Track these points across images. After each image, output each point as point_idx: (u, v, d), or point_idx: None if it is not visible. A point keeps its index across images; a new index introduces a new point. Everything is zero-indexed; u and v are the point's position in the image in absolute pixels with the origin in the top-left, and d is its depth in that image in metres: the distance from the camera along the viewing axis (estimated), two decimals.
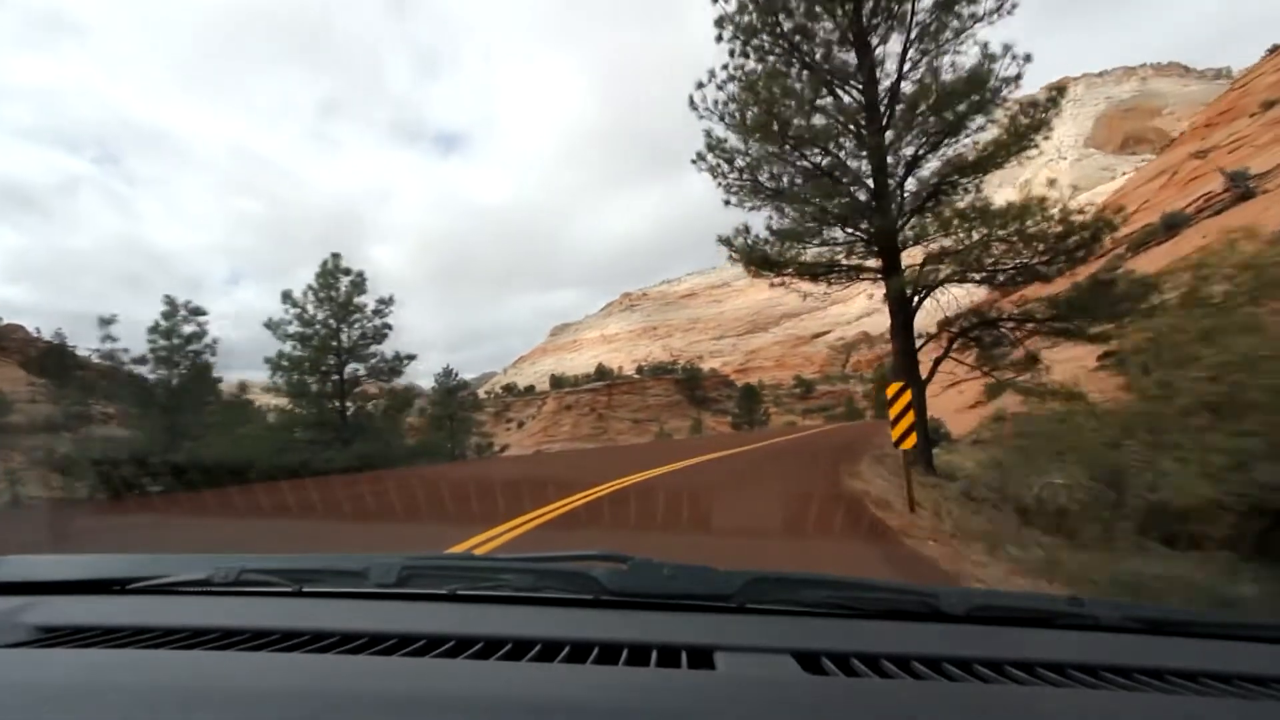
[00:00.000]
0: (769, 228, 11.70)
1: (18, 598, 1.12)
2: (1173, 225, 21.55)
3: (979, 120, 10.40)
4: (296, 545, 4.92)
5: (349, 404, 16.95)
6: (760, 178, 11.17)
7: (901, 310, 10.84)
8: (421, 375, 37.67)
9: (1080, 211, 9.57)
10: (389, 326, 17.03)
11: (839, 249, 11.49)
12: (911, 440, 6.12)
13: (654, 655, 0.89)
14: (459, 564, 1.29)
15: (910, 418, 6.04)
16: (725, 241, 11.42)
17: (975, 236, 9.78)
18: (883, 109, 10.48)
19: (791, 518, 5.57)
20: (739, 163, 11.17)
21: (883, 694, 0.80)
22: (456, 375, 39.39)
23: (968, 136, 10.62)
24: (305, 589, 1.16)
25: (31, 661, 0.88)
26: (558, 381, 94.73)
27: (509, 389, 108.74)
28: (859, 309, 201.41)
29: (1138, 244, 22.02)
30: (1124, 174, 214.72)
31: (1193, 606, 3.02)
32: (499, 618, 1.05)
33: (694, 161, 11.38)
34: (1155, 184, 29.06)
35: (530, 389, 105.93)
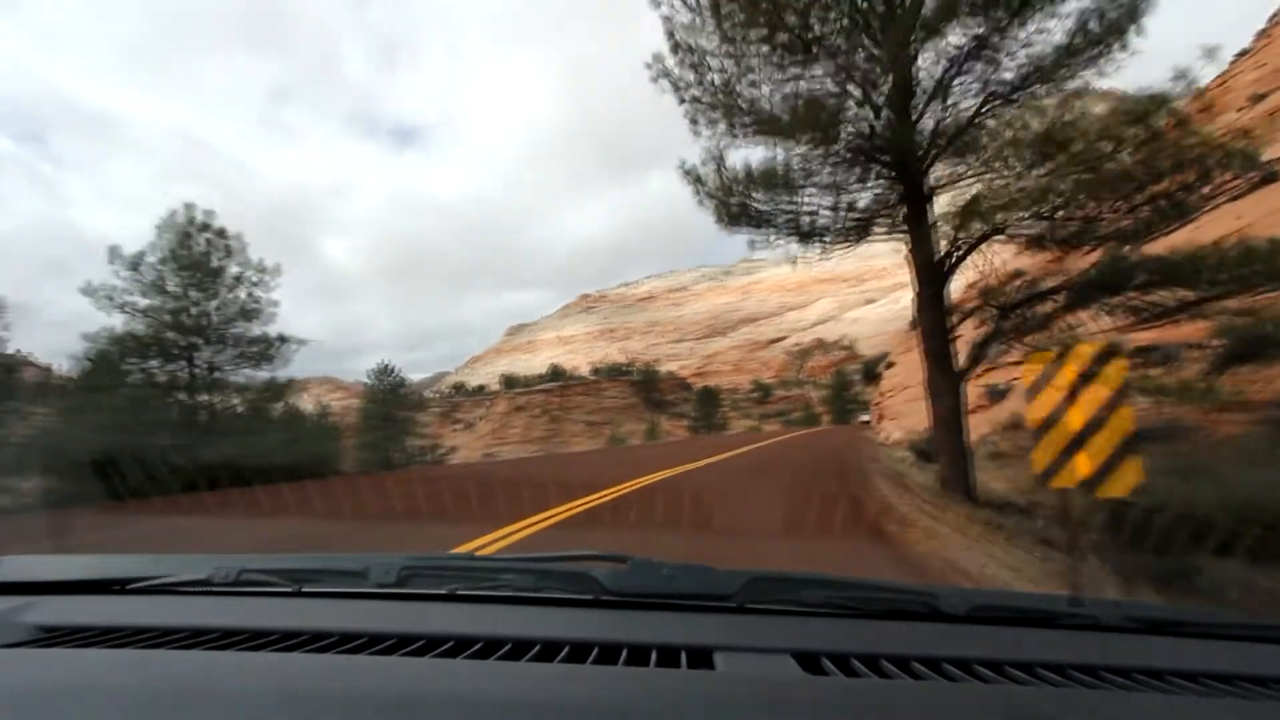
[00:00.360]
0: (749, 172, 8.53)
1: (18, 598, 1.10)
2: (1182, 213, 19.36)
3: (1036, 21, 7.49)
4: None
5: (205, 396, 13.07)
6: (739, 88, 7.98)
7: (932, 279, 7.83)
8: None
9: (1195, 135, 6.73)
10: (258, 301, 13.21)
11: (845, 194, 8.40)
12: (1128, 479, 2.78)
13: (654, 655, 0.88)
14: (459, 564, 1.27)
15: (1123, 423, 2.75)
16: (690, 175, 8.20)
17: (1045, 168, 6.86)
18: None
19: None
20: (712, 68, 7.98)
21: (882, 694, 0.80)
22: (394, 371, 35.61)
23: (1022, 45, 7.69)
24: (305, 589, 1.15)
25: (31, 661, 0.88)
26: (510, 381, 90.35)
27: (458, 388, 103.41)
28: (815, 315, 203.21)
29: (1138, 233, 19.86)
30: None
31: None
32: (498, 618, 1.05)
33: (648, 66, 8.14)
34: None
35: (481, 389, 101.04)
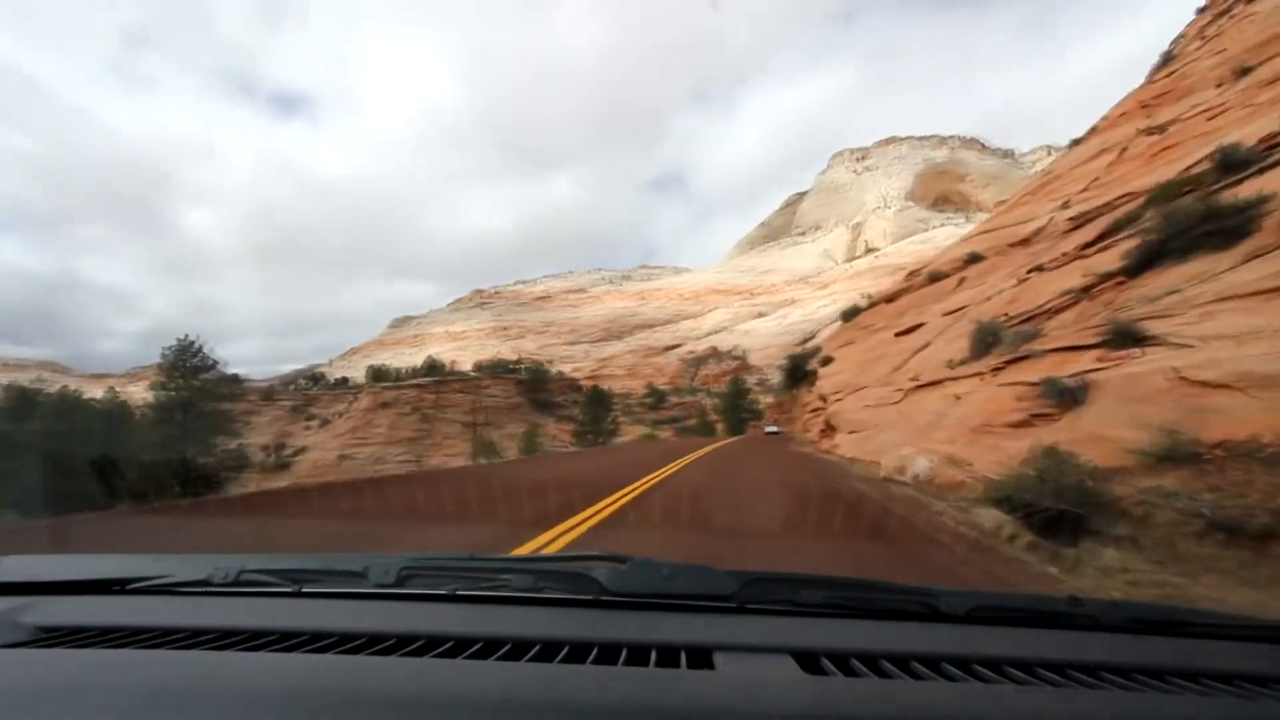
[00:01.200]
0: None
1: (18, 598, 1.09)
2: (1232, 166, 14.95)
3: None
4: None
5: None
6: None
7: None
8: (246, 363, 22.63)
9: None
10: None
11: None
12: None
13: (653, 655, 0.87)
14: (459, 564, 1.22)
15: None
16: None
17: None
18: None
19: None
20: None
21: (882, 694, 0.78)
22: (199, 349, 25.53)
23: None
24: (304, 589, 1.14)
25: (32, 661, 0.86)
26: (378, 374, 78.09)
27: (316, 379, 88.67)
28: (710, 325, 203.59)
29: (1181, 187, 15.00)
30: (935, 226, 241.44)
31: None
32: (498, 618, 1.03)
33: None
34: (1099, 162, 23.70)
35: (344, 381, 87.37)
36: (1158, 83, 27.34)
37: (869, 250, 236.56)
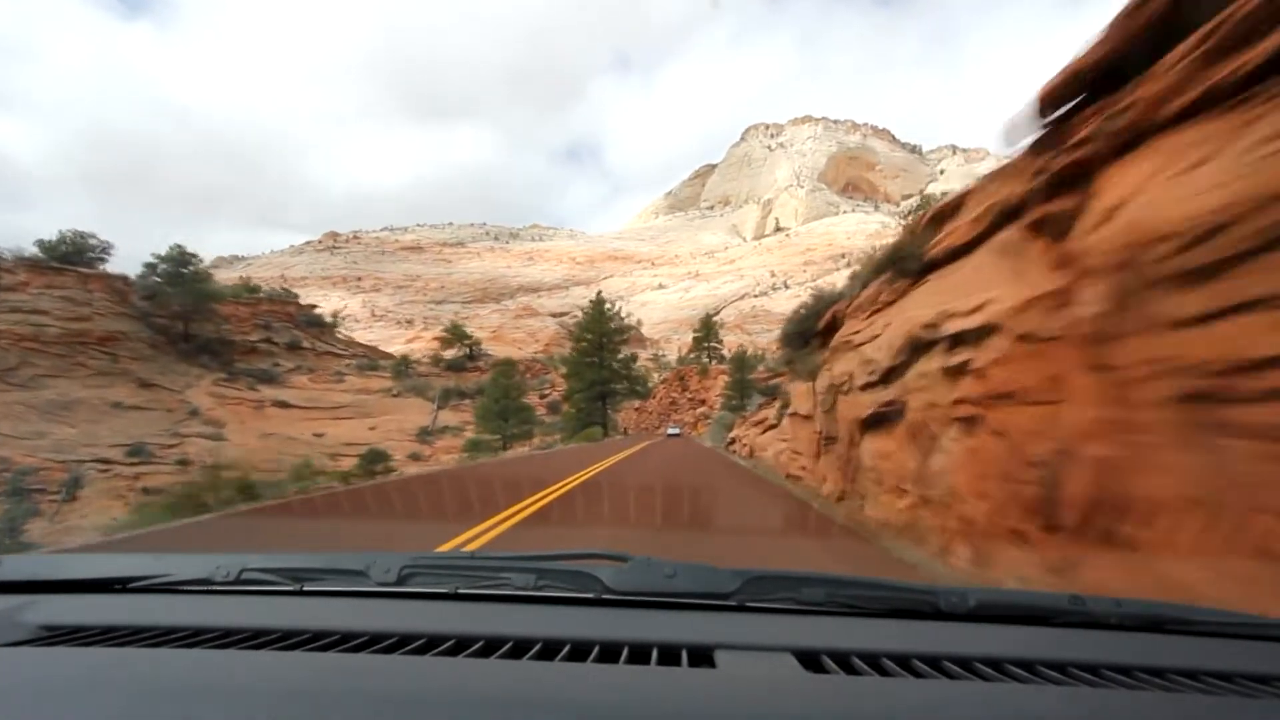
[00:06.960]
0: None
1: (20, 596, 1.06)
2: None
3: None
4: None
5: None
6: None
7: None
8: None
9: None
10: None
11: None
12: None
13: (654, 654, 0.85)
14: (460, 563, 1.17)
15: None
16: None
17: None
18: None
19: None
20: None
21: (883, 692, 0.76)
22: None
23: None
24: (306, 588, 1.10)
25: (33, 660, 0.84)
26: None
27: None
28: (604, 294, 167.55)
29: None
30: (845, 211, 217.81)
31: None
32: (500, 616, 1.00)
33: None
34: None
35: None
36: None
37: (779, 229, 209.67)
